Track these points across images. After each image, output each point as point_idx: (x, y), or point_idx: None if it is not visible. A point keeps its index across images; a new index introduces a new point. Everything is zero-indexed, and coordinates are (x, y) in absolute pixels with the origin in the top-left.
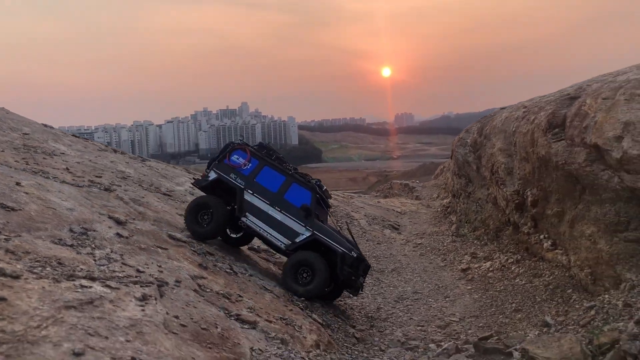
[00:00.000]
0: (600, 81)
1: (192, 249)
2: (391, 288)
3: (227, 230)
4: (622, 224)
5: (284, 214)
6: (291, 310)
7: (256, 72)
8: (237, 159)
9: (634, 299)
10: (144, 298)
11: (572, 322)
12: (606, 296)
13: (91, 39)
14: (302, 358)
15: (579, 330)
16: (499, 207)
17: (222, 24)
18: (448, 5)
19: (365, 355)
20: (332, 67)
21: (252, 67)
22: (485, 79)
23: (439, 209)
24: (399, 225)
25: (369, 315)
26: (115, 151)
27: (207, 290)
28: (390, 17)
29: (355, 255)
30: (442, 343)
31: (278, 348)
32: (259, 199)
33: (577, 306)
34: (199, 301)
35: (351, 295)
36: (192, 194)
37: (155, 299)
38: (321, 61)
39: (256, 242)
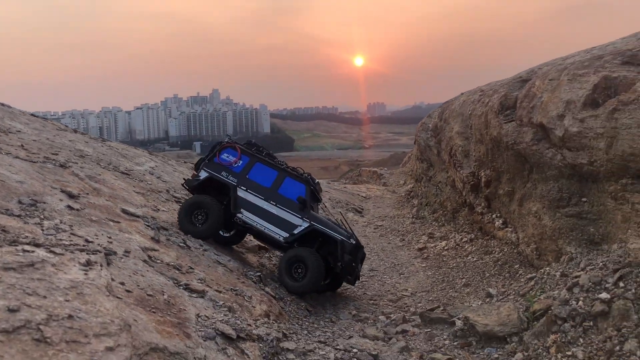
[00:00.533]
0: (551, 64)
1: (146, 223)
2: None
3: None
4: (564, 200)
5: (279, 207)
6: (243, 282)
7: (228, 58)
8: (228, 157)
9: (570, 270)
10: (88, 264)
11: (513, 293)
12: (547, 268)
13: (58, 22)
14: (249, 325)
15: (519, 299)
16: (456, 189)
17: (192, 9)
18: None
19: (315, 325)
20: (304, 55)
21: (224, 53)
22: (457, 69)
23: (403, 194)
24: (362, 209)
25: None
26: (75, 131)
27: (157, 261)
28: (364, 5)
29: (354, 243)
30: (392, 315)
31: (225, 315)
32: (253, 194)
33: (521, 279)
34: (148, 271)
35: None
36: (152, 174)
37: (101, 265)
38: (293, 49)
39: None
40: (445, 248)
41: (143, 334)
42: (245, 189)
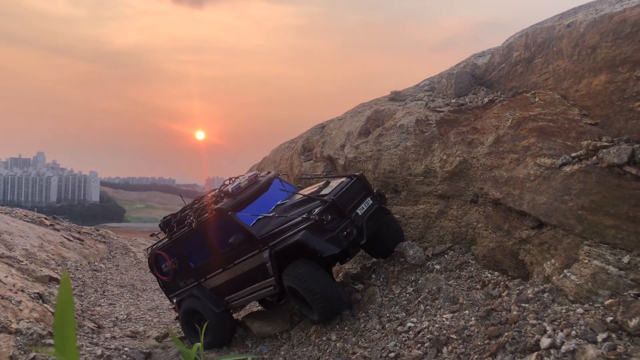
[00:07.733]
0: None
1: None
2: (148, 301)
3: None
4: None
5: (237, 262)
6: (16, 293)
7: (58, 121)
8: (166, 267)
9: None
10: None
11: None
12: None
13: None
14: (10, 321)
15: None
16: None
17: (17, 64)
18: (259, 78)
19: (96, 340)
20: (143, 124)
21: (54, 114)
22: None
23: None
24: None
25: (118, 318)
26: None
27: None
28: (205, 82)
29: (316, 218)
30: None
31: None
32: (213, 275)
33: None
34: None
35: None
36: None
37: None
38: (132, 116)
39: None
40: None
41: None
42: (205, 278)
